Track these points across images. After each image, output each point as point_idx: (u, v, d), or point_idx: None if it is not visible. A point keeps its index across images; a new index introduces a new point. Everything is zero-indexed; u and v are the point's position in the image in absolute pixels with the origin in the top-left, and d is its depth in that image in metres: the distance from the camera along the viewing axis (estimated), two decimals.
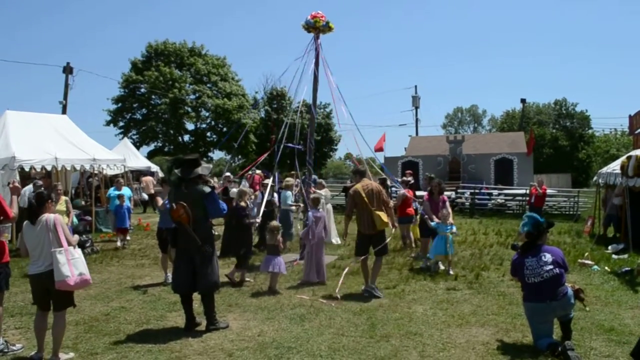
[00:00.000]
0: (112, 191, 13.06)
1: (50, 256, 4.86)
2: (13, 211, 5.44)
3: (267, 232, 7.93)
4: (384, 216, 7.37)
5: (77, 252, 5.03)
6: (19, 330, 6.01)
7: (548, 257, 5.30)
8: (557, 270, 5.23)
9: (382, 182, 8.94)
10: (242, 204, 8.53)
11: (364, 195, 7.38)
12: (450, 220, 9.09)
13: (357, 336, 5.67)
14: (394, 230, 8.05)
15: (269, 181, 10.72)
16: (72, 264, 4.88)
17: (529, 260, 5.34)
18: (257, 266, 8.80)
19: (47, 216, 5.02)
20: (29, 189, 14.63)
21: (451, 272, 8.76)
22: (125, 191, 13.01)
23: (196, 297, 6.09)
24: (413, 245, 11.40)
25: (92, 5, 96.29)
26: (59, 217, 5.12)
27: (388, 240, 7.70)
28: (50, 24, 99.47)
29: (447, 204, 9.56)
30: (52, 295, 4.98)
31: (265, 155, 14.00)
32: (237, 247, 8.41)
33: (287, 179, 13.11)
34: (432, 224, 9.12)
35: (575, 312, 5.46)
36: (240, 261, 8.31)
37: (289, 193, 11.24)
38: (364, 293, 7.45)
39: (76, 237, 5.30)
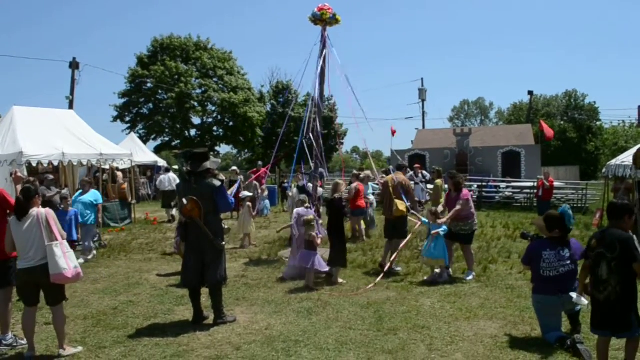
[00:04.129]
0: (76, 195, 10.51)
1: (43, 250, 4.87)
2: None
3: (303, 225, 7.79)
4: (401, 205, 8.46)
5: (67, 246, 5.08)
6: None
7: (566, 252, 5.25)
8: (573, 266, 5.23)
9: (400, 168, 9.52)
10: (337, 195, 8.35)
11: (390, 185, 8.70)
12: (442, 220, 7.78)
13: (365, 329, 5.67)
14: (419, 224, 8.76)
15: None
16: (67, 257, 4.94)
17: (547, 254, 5.26)
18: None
19: (38, 211, 5.02)
20: (167, 177, 14.77)
21: (439, 280, 7.65)
22: (91, 195, 10.31)
23: (204, 290, 6.10)
24: (364, 238, 11.59)
25: (98, 0, 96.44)
26: (50, 211, 5.14)
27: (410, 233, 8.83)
28: (56, 20, 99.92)
29: (463, 202, 7.82)
30: (44, 289, 5.02)
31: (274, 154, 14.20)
32: (334, 237, 8.02)
33: (366, 171, 13.76)
34: (423, 220, 8.21)
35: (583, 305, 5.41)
36: (335, 257, 7.89)
37: (369, 185, 12.83)
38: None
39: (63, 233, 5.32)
